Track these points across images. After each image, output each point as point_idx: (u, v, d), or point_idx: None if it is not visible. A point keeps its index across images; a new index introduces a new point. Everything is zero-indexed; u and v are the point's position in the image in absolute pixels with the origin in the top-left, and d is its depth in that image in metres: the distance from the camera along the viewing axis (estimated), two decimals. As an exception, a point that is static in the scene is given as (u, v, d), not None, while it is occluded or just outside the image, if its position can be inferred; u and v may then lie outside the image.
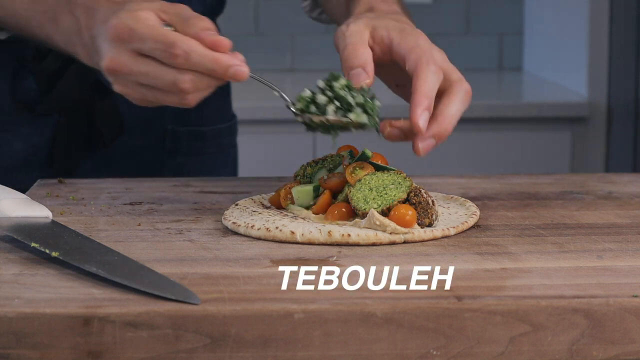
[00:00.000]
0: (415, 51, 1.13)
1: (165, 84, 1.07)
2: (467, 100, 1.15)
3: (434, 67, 1.12)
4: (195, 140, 1.58)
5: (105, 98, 1.47)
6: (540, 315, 0.88)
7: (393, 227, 1.06)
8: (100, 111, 1.48)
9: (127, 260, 0.98)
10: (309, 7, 1.55)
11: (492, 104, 2.89)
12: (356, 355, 0.87)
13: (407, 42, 1.15)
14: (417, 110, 1.10)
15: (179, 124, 1.56)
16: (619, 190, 1.31)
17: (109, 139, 1.49)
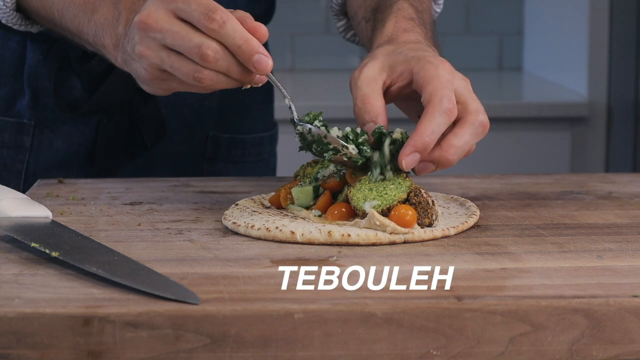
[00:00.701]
0: (432, 83, 1.11)
1: (189, 46, 1.06)
2: (480, 133, 1.11)
3: (446, 105, 1.09)
4: (235, 148, 1.58)
5: (148, 102, 1.48)
6: (540, 315, 0.88)
7: (393, 227, 1.06)
8: (142, 115, 1.48)
9: (127, 260, 0.98)
10: (343, 27, 1.54)
11: (492, 104, 2.89)
12: (356, 355, 0.87)
13: (426, 72, 1.12)
14: (407, 150, 1.09)
15: (220, 130, 1.56)
16: (619, 190, 1.31)
17: (151, 143, 1.50)
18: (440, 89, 1.10)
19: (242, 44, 1.07)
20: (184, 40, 1.07)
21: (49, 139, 1.48)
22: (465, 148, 1.11)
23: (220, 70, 1.08)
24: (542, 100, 2.96)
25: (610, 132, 2.92)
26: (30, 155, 1.48)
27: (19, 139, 1.48)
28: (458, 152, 1.10)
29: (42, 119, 1.47)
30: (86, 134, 1.48)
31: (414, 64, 1.14)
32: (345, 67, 3.36)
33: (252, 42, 1.07)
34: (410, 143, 1.09)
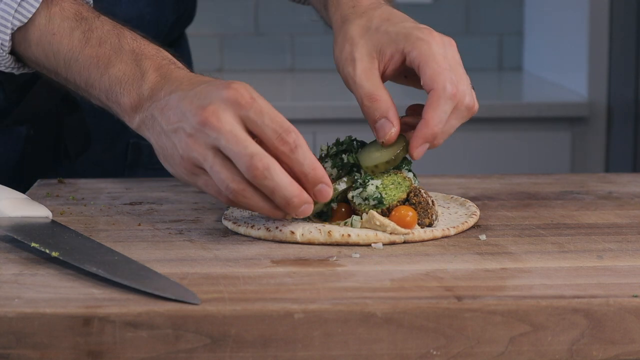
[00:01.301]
0: (430, 65, 1.10)
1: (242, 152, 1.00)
2: (466, 116, 1.12)
3: (450, 90, 1.09)
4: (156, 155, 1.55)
5: (74, 112, 1.44)
6: (540, 315, 0.88)
7: (393, 227, 1.06)
8: (68, 126, 1.45)
9: (127, 260, 0.98)
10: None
11: (492, 104, 2.89)
12: (356, 355, 0.87)
13: (420, 51, 1.11)
14: (417, 142, 1.09)
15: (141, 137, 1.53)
16: (619, 190, 1.31)
17: (75, 154, 1.46)
18: (440, 72, 1.09)
19: (310, 172, 1.02)
20: (238, 146, 1.00)
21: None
22: (451, 132, 1.11)
23: (265, 189, 1.02)
24: (542, 100, 2.95)
25: (610, 132, 2.92)
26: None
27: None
28: (444, 137, 1.11)
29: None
30: (9, 146, 1.43)
31: (403, 43, 1.12)
32: (345, 67, 3.35)
33: (319, 170, 1.03)
34: (419, 135, 1.09)
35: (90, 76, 1.15)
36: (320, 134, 2.82)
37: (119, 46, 1.14)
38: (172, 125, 1.06)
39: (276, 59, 3.43)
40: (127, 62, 1.13)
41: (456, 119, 1.11)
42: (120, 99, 1.12)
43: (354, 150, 1.14)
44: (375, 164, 1.11)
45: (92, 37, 1.16)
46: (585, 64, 2.92)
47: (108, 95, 1.14)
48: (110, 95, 1.13)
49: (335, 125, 2.79)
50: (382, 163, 1.11)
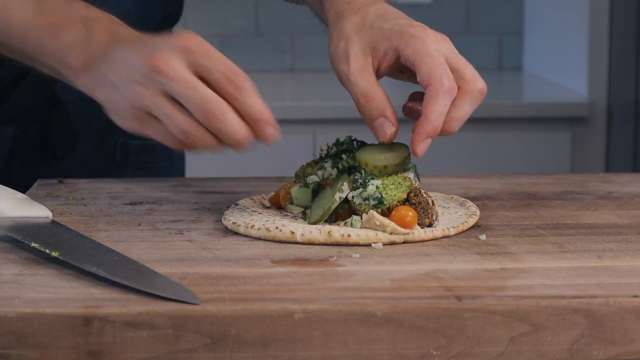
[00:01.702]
0: (425, 61, 1.09)
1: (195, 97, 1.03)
2: (479, 100, 1.11)
3: (447, 84, 1.08)
4: (145, 154, 1.56)
5: (60, 111, 1.45)
6: (540, 315, 0.88)
7: (393, 227, 1.06)
8: (54, 125, 1.45)
9: (127, 260, 0.98)
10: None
11: (492, 104, 2.89)
12: (356, 355, 0.87)
13: (414, 48, 1.10)
14: (420, 137, 1.09)
15: (129, 137, 1.52)
16: (619, 190, 1.31)
17: (62, 153, 1.46)
18: (436, 67, 1.09)
19: (257, 114, 1.04)
20: (191, 91, 1.03)
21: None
22: (466, 117, 1.10)
23: (218, 132, 1.04)
24: (542, 100, 2.96)
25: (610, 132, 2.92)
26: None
27: None
28: (459, 124, 1.10)
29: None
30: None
31: (397, 40, 1.12)
32: (345, 67, 3.35)
33: (267, 113, 1.05)
34: (420, 130, 1.08)
35: (43, 43, 1.17)
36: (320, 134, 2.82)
37: (69, 13, 1.17)
38: (121, 76, 1.08)
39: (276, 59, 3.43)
40: (77, 27, 1.15)
41: (469, 104, 1.10)
42: (71, 61, 1.14)
43: (354, 150, 1.14)
44: (384, 164, 1.11)
45: (44, 7, 1.19)
46: (585, 64, 2.92)
47: (60, 59, 1.16)
48: (62, 58, 1.15)
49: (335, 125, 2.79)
50: (391, 165, 1.11)
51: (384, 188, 1.10)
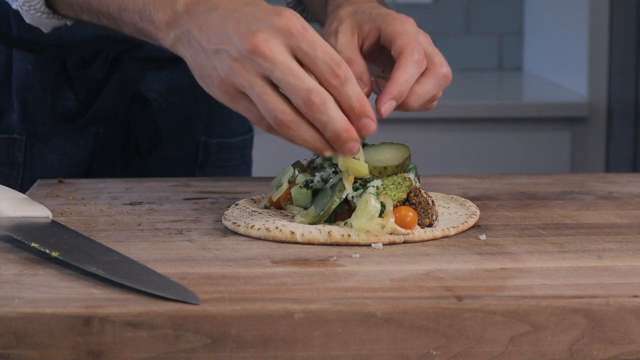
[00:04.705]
0: (402, 37, 1.15)
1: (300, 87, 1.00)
2: (443, 84, 1.16)
3: (417, 56, 1.13)
4: (223, 152, 1.58)
5: (144, 110, 1.46)
6: (540, 315, 0.88)
7: (393, 227, 1.06)
8: (139, 122, 1.46)
9: (127, 260, 0.98)
10: (292, 3, 1.54)
11: (492, 104, 2.89)
12: (356, 355, 0.87)
13: (394, 27, 1.16)
14: (385, 97, 1.12)
15: (209, 135, 1.55)
16: (619, 190, 1.31)
17: (146, 151, 1.48)
18: (410, 42, 1.14)
19: (357, 106, 1.03)
20: (295, 79, 1.00)
21: (42, 153, 1.45)
22: (427, 96, 1.15)
23: (318, 122, 1.02)
24: (542, 100, 2.96)
25: (610, 132, 2.92)
26: (24, 171, 1.45)
27: (11, 155, 1.44)
28: (419, 100, 1.14)
29: (33, 133, 1.44)
30: (80, 146, 1.46)
31: (380, 21, 1.17)
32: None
33: (367, 104, 1.04)
34: (386, 91, 1.12)
35: (124, 0, 1.14)
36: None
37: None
38: (214, 45, 1.04)
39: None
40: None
41: (432, 84, 1.15)
42: (155, 16, 1.10)
43: None
44: (385, 165, 1.11)
45: None
46: (585, 64, 2.92)
47: (142, 15, 1.12)
48: (144, 14, 1.12)
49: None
50: (392, 166, 1.11)
51: (384, 188, 1.10)
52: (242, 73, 1.02)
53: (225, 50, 1.03)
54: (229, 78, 1.03)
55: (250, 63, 1.01)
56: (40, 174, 1.44)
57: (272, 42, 1.01)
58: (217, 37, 1.04)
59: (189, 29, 1.07)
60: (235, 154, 1.59)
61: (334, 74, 1.02)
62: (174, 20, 1.09)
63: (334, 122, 1.02)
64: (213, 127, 1.55)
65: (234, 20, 1.03)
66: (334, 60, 1.02)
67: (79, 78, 1.42)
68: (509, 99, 3.07)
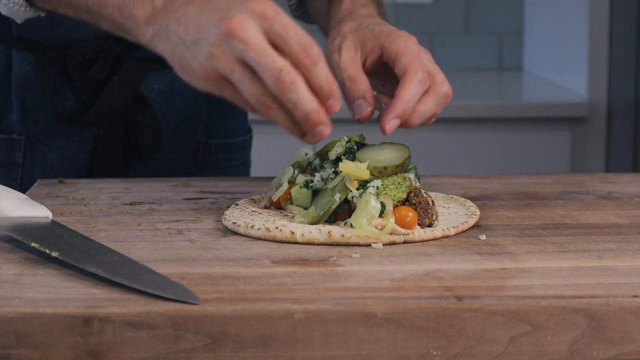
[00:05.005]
0: (406, 55, 1.17)
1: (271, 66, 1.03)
2: (443, 102, 1.19)
3: (421, 75, 1.16)
4: (222, 153, 1.58)
5: (145, 110, 1.46)
6: (540, 315, 0.88)
7: (393, 227, 1.06)
8: (139, 123, 1.46)
9: (127, 260, 0.98)
10: (294, 6, 1.56)
11: (492, 104, 2.89)
12: (356, 355, 0.87)
13: (398, 45, 1.18)
14: (390, 115, 1.15)
15: (209, 136, 1.55)
16: (619, 190, 1.31)
17: (147, 152, 1.48)
18: (414, 61, 1.17)
19: (325, 86, 1.06)
20: (266, 59, 1.03)
21: (42, 153, 1.45)
22: (428, 114, 1.18)
23: (288, 102, 1.05)
24: (542, 100, 2.96)
25: (610, 132, 2.92)
26: (23, 172, 1.45)
27: (10, 156, 1.44)
28: (421, 118, 1.17)
29: (33, 133, 1.44)
30: (81, 147, 1.46)
31: (384, 38, 1.20)
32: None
33: (334, 86, 1.07)
34: (391, 110, 1.15)
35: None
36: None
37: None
38: (193, 36, 1.07)
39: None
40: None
41: (434, 103, 1.17)
42: (134, 12, 1.13)
43: (354, 152, 1.15)
44: (385, 165, 1.11)
45: None
46: (585, 64, 2.92)
47: (121, 11, 1.14)
48: (123, 10, 1.14)
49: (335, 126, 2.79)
50: (392, 166, 1.11)
51: (384, 188, 1.10)
52: (222, 58, 1.05)
53: (204, 39, 1.06)
54: (210, 65, 1.06)
55: (228, 47, 1.04)
56: (40, 174, 1.44)
57: (247, 25, 1.04)
58: (195, 27, 1.07)
59: (167, 23, 1.09)
60: (234, 155, 1.60)
61: (306, 54, 1.05)
62: (152, 16, 1.11)
63: (303, 102, 1.05)
64: (213, 128, 1.55)
65: (210, 10, 1.06)
66: (305, 41, 1.05)
67: (80, 78, 1.42)
68: (509, 99, 3.07)
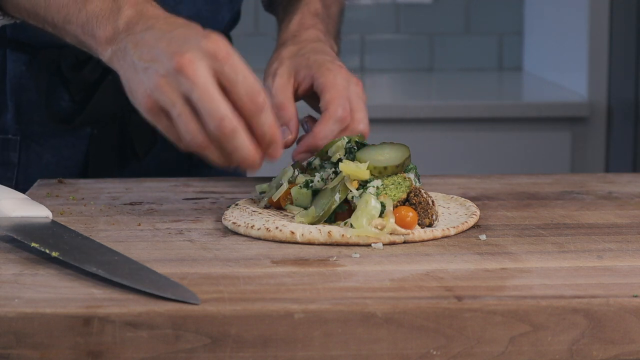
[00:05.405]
0: (330, 91, 1.24)
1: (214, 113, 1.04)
2: None
3: (341, 113, 1.22)
4: None
5: None
6: (540, 315, 0.88)
7: (393, 227, 1.06)
8: (134, 123, 1.46)
9: (127, 260, 0.98)
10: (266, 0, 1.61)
11: (492, 104, 2.89)
12: (356, 355, 0.87)
13: (326, 79, 1.25)
14: (302, 148, 1.23)
15: None
16: (619, 190, 1.31)
17: (143, 152, 1.48)
18: (337, 97, 1.24)
19: (268, 134, 1.08)
20: (211, 104, 1.04)
21: (38, 153, 1.45)
22: None
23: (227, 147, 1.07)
24: (542, 100, 2.95)
25: (610, 132, 2.92)
26: (18, 172, 1.45)
27: (5, 156, 1.44)
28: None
29: (28, 134, 1.44)
30: (76, 147, 1.46)
31: (315, 70, 1.27)
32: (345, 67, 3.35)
33: (277, 132, 1.09)
34: (305, 143, 1.23)
35: (69, 13, 1.19)
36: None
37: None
38: (145, 63, 1.09)
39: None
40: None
41: None
42: (96, 32, 1.15)
43: (354, 152, 1.15)
44: (385, 165, 1.11)
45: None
46: (585, 64, 2.92)
47: (84, 29, 1.17)
48: (86, 29, 1.17)
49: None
50: (392, 166, 1.11)
51: (384, 188, 1.10)
52: (167, 90, 1.06)
53: (154, 68, 1.07)
54: (154, 95, 1.08)
55: (175, 81, 1.06)
56: (35, 174, 1.44)
57: (197, 63, 1.05)
58: (149, 55, 1.09)
59: (125, 45, 1.12)
60: None
61: (252, 101, 1.06)
62: (113, 37, 1.14)
63: (241, 149, 1.07)
64: None
65: (166, 40, 1.08)
66: (253, 88, 1.07)
67: (74, 79, 1.43)
68: (509, 99, 3.07)
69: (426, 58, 3.43)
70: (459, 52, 3.41)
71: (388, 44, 3.42)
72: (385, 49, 3.42)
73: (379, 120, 2.80)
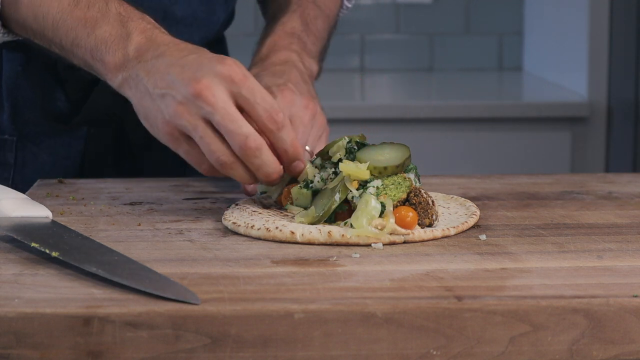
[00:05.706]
0: None
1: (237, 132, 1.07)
2: None
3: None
4: None
5: None
6: (540, 315, 0.88)
7: (393, 227, 1.06)
8: (131, 123, 1.46)
9: (127, 260, 0.98)
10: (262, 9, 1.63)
11: (492, 104, 2.89)
12: (356, 355, 0.87)
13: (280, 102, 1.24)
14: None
15: None
16: (619, 190, 1.31)
17: (139, 151, 1.48)
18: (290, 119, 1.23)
19: (290, 150, 1.12)
20: (234, 124, 1.07)
21: (34, 153, 1.45)
22: None
23: (252, 165, 1.10)
24: (542, 100, 2.95)
25: (610, 132, 2.92)
26: (15, 172, 1.45)
27: (2, 156, 1.44)
28: None
29: (24, 134, 1.44)
30: (73, 147, 1.45)
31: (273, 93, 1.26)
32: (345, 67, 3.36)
33: (299, 148, 1.12)
34: None
35: (77, 36, 1.20)
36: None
37: (106, 9, 1.20)
38: (160, 90, 1.10)
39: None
40: (113, 24, 1.18)
41: None
42: (105, 57, 1.17)
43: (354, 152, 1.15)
44: (385, 165, 1.11)
45: (81, 1, 1.21)
46: (585, 64, 2.92)
47: (93, 54, 1.18)
48: (95, 54, 1.18)
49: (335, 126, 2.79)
50: (392, 166, 1.11)
51: (384, 188, 1.10)
52: (186, 116, 1.08)
53: (171, 95, 1.09)
54: (173, 121, 1.09)
55: (194, 107, 1.08)
56: (31, 174, 1.44)
57: (215, 88, 1.07)
58: (163, 82, 1.10)
59: (137, 73, 1.13)
60: None
61: (271, 119, 1.09)
62: (123, 64, 1.15)
63: (266, 166, 1.10)
64: None
65: (179, 67, 1.10)
66: (272, 106, 1.09)
67: (70, 79, 1.43)
68: (509, 99, 3.07)
69: (426, 58, 3.43)
70: (459, 52, 3.41)
71: (388, 44, 3.42)
72: (385, 49, 3.42)
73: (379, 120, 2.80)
